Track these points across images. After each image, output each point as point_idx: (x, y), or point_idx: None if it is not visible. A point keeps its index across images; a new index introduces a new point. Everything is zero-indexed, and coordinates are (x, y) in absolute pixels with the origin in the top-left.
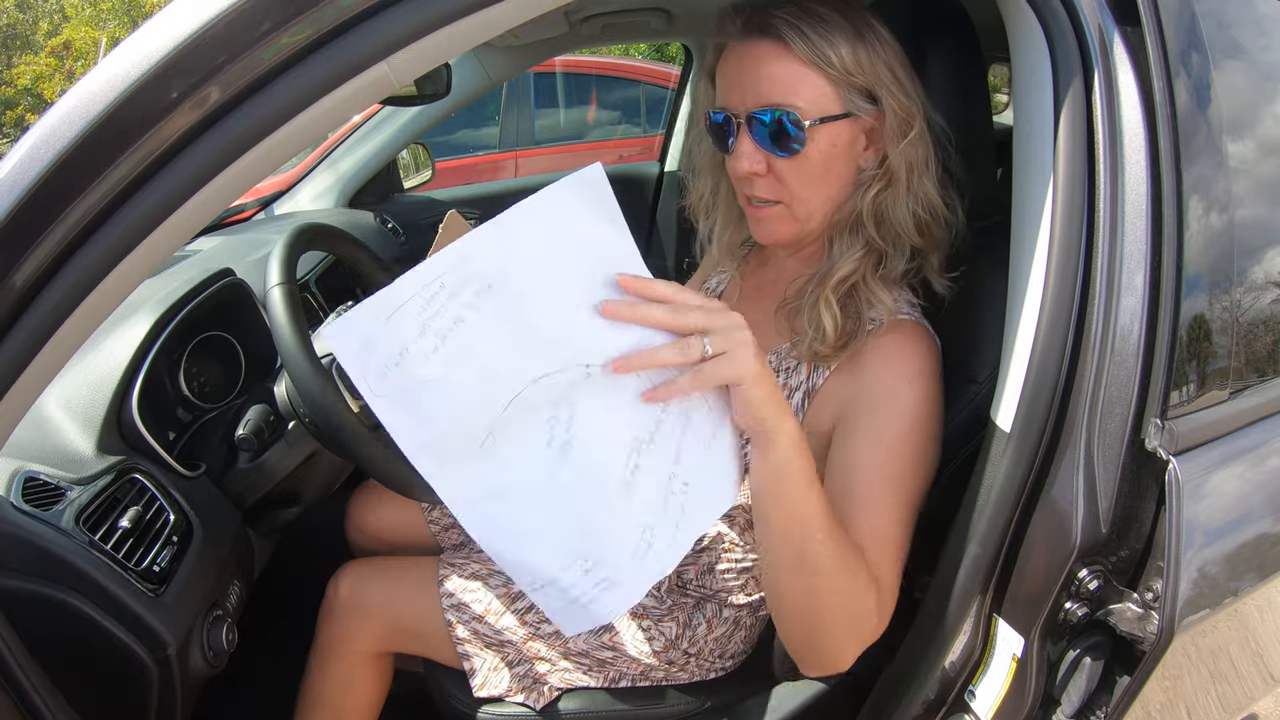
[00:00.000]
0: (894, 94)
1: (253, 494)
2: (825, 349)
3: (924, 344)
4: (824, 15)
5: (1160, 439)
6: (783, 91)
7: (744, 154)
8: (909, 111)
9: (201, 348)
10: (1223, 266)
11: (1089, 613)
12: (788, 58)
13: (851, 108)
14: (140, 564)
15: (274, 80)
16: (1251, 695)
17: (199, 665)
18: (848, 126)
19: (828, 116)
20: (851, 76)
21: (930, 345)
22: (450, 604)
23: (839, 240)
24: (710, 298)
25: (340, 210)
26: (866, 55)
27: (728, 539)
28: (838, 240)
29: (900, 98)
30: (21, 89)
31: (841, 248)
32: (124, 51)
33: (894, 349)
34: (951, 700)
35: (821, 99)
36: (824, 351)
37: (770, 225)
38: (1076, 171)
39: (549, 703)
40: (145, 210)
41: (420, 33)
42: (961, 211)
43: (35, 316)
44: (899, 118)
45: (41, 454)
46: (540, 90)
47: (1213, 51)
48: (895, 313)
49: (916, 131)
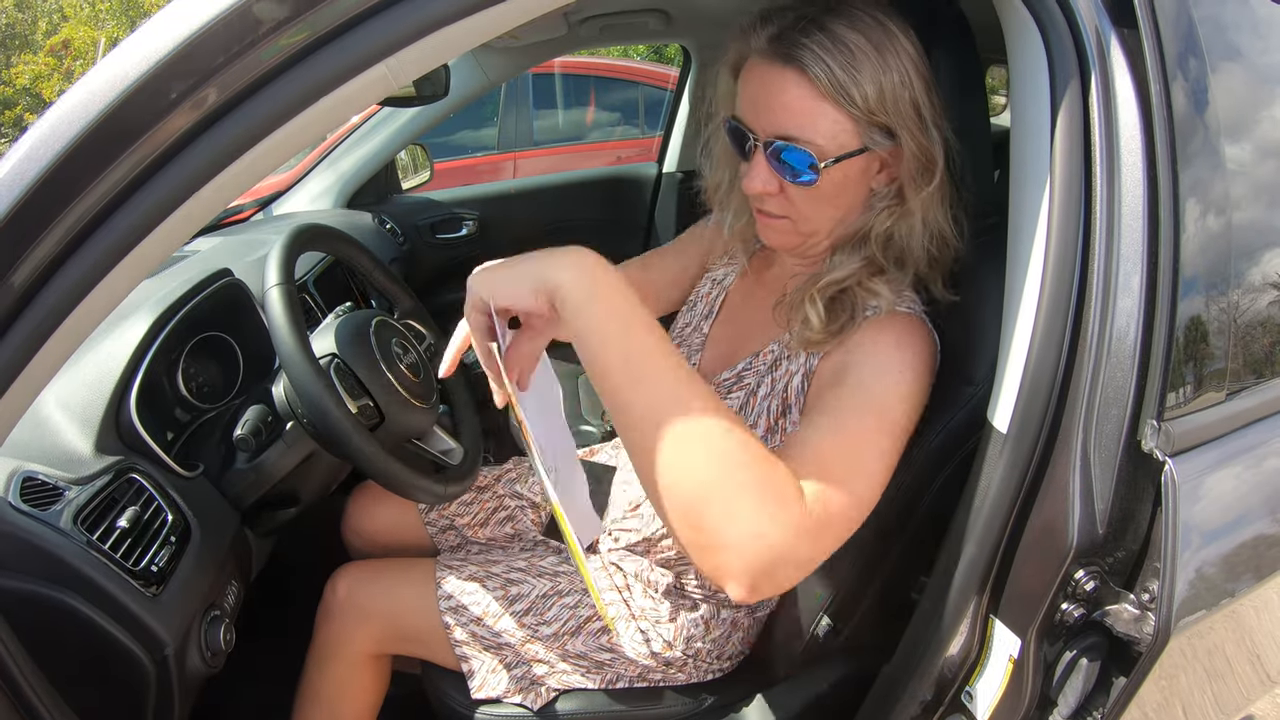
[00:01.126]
0: (915, 135)
1: (251, 494)
2: (816, 336)
3: (918, 337)
4: (853, 48)
5: (1157, 440)
6: (800, 125)
7: (757, 176)
8: (930, 155)
9: (200, 348)
10: (1219, 268)
11: (1086, 614)
12: (810, 90)
13: (869, 143)
14: (138, 564)
15: (273, 81)
16: (1248, 696)
17: (197, 666)
18: (864, 159)
19: (844, 154)
20: (873, 115)
21: (926, 340)
22: (448, 605)
23: (841, 250)
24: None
25: (338, 211)
26: (891, 93)
27: None
28: (840, 250)
29: (921, 140)
30: (20, 89)
31: (841, 258)
32: (123, 52)
33: (887, 338)
34: (948, 701)
35: (840, 135)
36: (815, 338)
37: (775, 234)
38: (1073, 173)
39: (546, 704)
40: (144, 211)
41: (419, 33)
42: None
43: (33, 316)
44: (919, 161)
45: (40, 454)
46: (539, 91)
47: (1210, 54)
48: (895, 305)
49: (939, 177)
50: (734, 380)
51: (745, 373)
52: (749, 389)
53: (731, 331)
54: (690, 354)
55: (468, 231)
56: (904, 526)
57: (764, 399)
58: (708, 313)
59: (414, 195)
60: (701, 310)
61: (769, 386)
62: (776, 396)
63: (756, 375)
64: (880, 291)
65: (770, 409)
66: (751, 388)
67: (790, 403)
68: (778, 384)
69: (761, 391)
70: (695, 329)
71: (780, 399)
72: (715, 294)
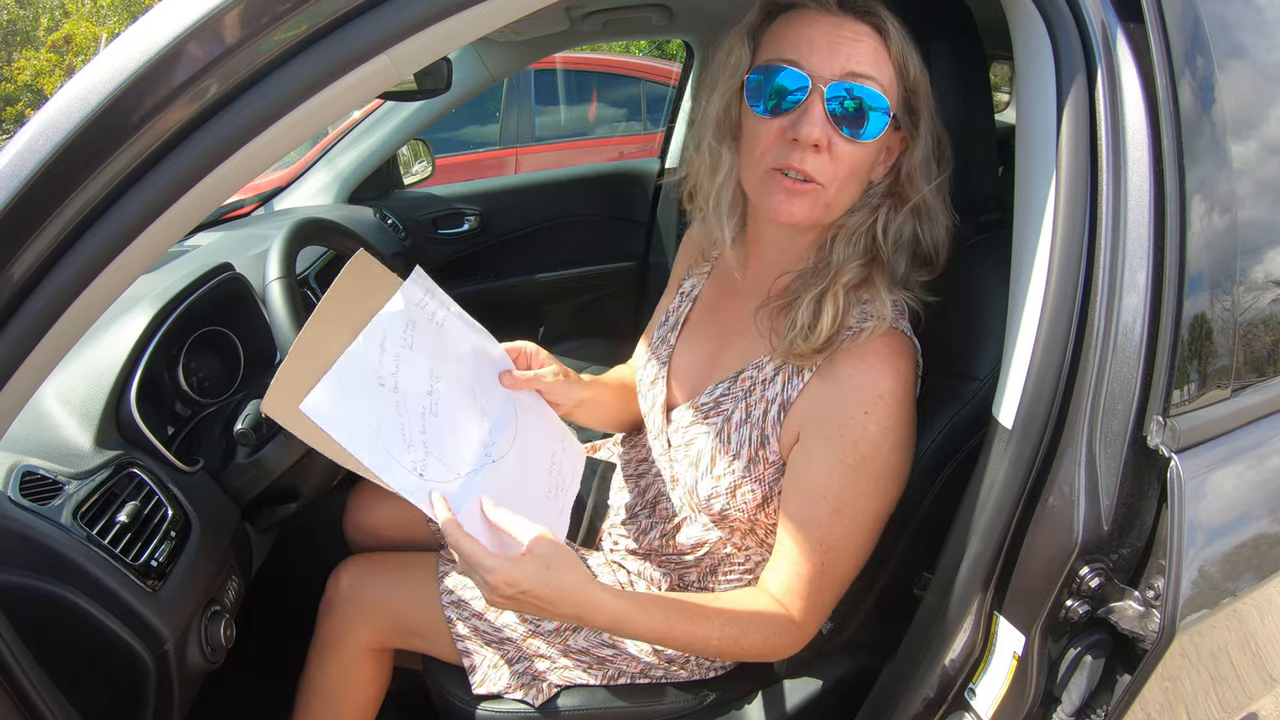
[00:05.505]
0: (933, 121)
1: (251, 489)
2: (805, 348)
3: (896, 359)
4: (903, 27)
5: (1162, 436)
6: (874, 73)
7: (815, 121)
8: (943, 141)
9: (200, 343)
10: (1225, 265)
11: (1090, 611)
12: (882, 48)
13: (902, 120)
14: (138, 559)
15: (272, 73)
16: (1251, 695)
17: (197, 661)
18: (889, 135)
19: (893, 115)
20: (912, 94)
21: (902, 360)
22: (450, 600)
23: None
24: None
25: (340, 206)
26: (925, 82)
27: (730, 543)
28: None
29: (937, 128)
30: (22, 85)
31: (844, 252)
32: (122, 45)
33: (863, 368)
34: (952, 698)
35: (893, 98)
36: (803, 350)
37: (798, 203)
38: (1079, 168)
39: (548, 699)
40: (143, 203)
41: (420, 25)
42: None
43: (33, 309)
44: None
45: (39, 448)
46: (541, 87)
47: (1216, 50)
48: (888, 320)
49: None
50: (711, 405)
51: (723, 398)
52: (725, 414)
53: (700, 339)
54: (658, 368)
55: (469, 227)
56: (906, 525)
57: (739, 426)
58: (674, 324)
59: (416, 190)
60: (669, 323)
61: (743, 413)
62: (755, 427)
63: (733, 401)
64: (880, 296)
65: (750, 439)
66: (728, 413)
67: (768, 433)
68: (753, 411)
69: (736, 418)
70: (663, 341)
71: (759, 430)
72: (684, 306)
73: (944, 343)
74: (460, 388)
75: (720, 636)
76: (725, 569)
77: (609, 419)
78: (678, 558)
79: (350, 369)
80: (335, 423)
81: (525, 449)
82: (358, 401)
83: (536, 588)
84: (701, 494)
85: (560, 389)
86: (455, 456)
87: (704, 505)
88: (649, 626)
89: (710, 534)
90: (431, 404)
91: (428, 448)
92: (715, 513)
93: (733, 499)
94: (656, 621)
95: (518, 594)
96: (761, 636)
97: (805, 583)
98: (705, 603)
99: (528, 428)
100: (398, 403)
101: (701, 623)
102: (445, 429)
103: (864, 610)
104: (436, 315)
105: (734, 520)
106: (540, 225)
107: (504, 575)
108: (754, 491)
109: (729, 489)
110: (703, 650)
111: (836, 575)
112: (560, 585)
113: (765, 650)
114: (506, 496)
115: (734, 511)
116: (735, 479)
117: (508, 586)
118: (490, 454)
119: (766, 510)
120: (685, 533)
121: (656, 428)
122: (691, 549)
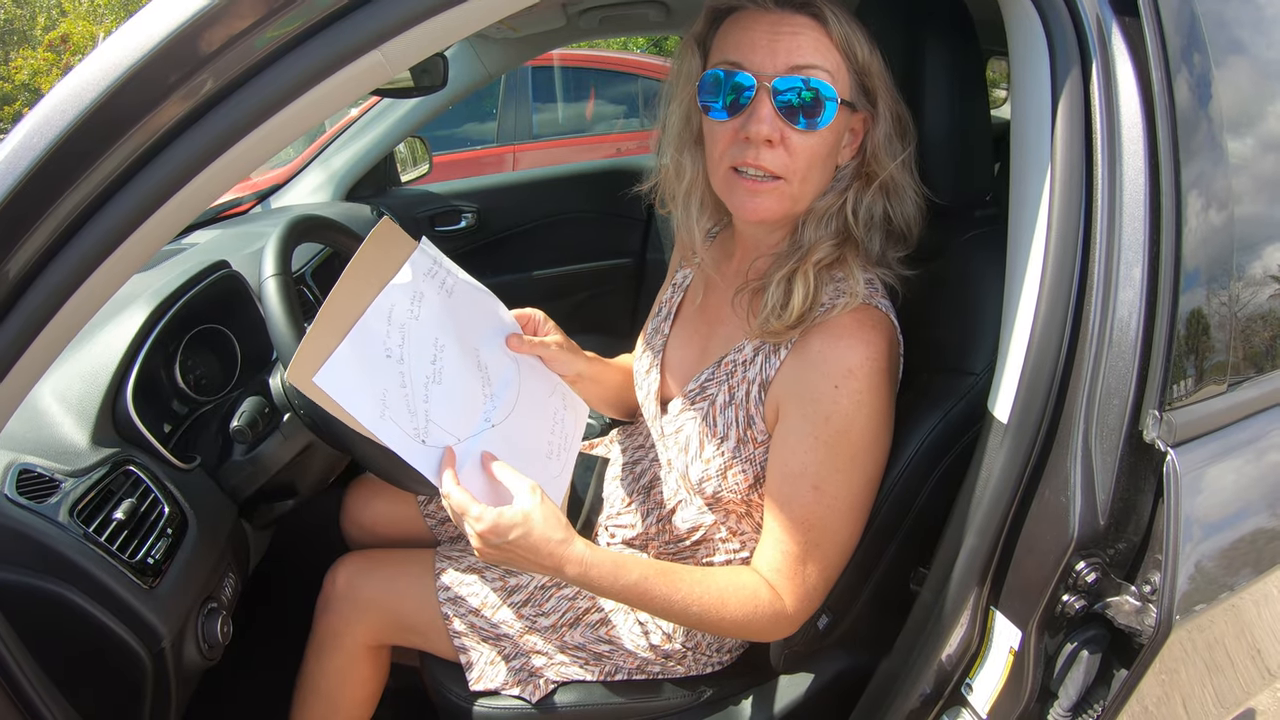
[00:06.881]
0: (891, 99)
1: (248, 486)
2: (778, 325)
3: (866, 333)
4: (845, 10)
5: (1159, 430)
6: (819, 62)
7: (764, 118)
8: (904, 118)
9: (197, 340)
10: (1222, 260)
11: (1087, 605)
12: (823, 36)
13: (858, 103)
14: (134, 556)
15: (266, 69)
16: (1248, 690)
17: (194, 658)
18: (846, 119)
19: (846, 101)
20: (864, 76)
21: (874, 333)
22: (447, 597)
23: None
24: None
25: (337, 203)
26: (874, 56)
27: (725, 526)
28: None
29: (896, 105)
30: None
31: (815, 232)
32: (115, 42)
33: (831, 341)
34: (948, 693)
35: (843, 84)
36: (776, 328)
37: (763, 200)
38: (1074, 164)
39: (545, 696)
40: (138, 199)
41: (413, 20)
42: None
43: (29, 305)
44: (896, 124)
45: (36, 446)
46: (538, 84)
47: (1212, 46)
48: (861, 296)
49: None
50: (698, 391)
51: (708, 383)
52: (710, 399)
53: (691, 331)
54: (653, 358)
55: (467, 224)
56: (901, 520)
57: (724, 409)
58: (667, 314)
59: (413, 188)
60: (663, 314)
61: (727, 395)
62: (740, 408)
63: (717, 384)
64: (853, 274)
65: (737, 420)
66: (713, 397)
67: (752, 414)
68: (736, 392)
69: (720, 401)
70: (657, 331)
71: (743, 410)
72: (675, 297)
73: (939, 338)
74: (466, 354)
75: (700, 603)
76: (722, 555)
77: (607, 399)
78: (675, 543)
79: (360, 343)
80: (345, 394)
81: (527, 411)
82: (366, 374)
83: (519, 537)
84: (694, 477)
85: (563, 358)
86: (457, 421)
87: (697, 488)
88: (626, 583)
89: (705, 516)
90: (436, 372)
91: (430, 415)
92: (709, 495)
93: (724, 481)
94: (635, 577)
95: (503, 543)
96: (744, 610)
97: (791, 560)
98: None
99: (530, 390)
100: (403, 373)
101: (680, 586)
102: (449, 395)
103: (859, 607)
104: (446, 282)
105: (728, 503)
106: (538, 222)
107: (489, 523)
108: (745, 472)
109: (719, 471)
110: (682, 616)
111: (822, 556)
112: (543, 536)
113: (750, 626)
114: (506, 458)
115: (726, 493)
116: (725, 461)
117: (494, 535)
118: (491, 418)
119: (759, 491)
120: (680, 516)
121: (651, 415)
122: (688, 533)
